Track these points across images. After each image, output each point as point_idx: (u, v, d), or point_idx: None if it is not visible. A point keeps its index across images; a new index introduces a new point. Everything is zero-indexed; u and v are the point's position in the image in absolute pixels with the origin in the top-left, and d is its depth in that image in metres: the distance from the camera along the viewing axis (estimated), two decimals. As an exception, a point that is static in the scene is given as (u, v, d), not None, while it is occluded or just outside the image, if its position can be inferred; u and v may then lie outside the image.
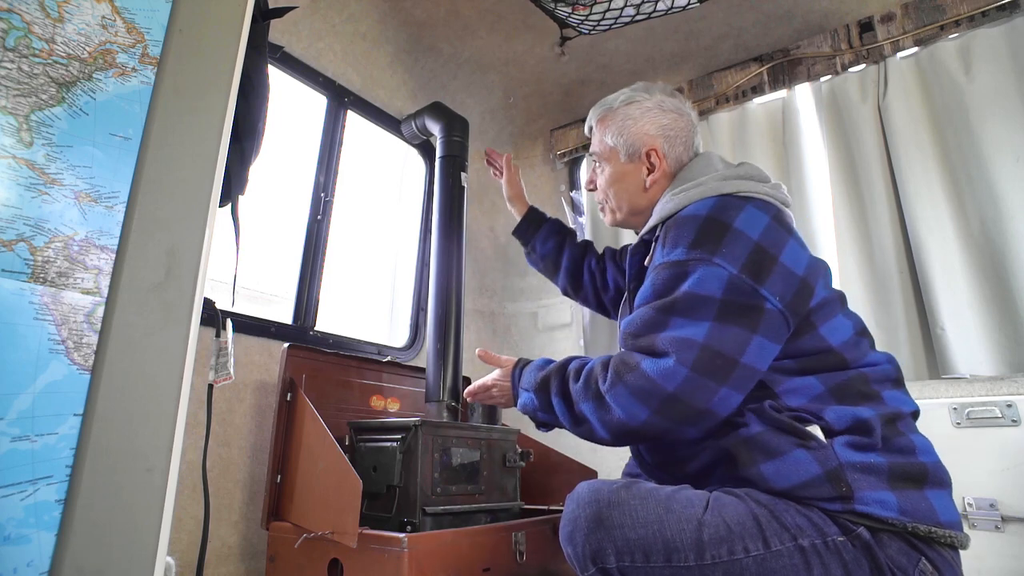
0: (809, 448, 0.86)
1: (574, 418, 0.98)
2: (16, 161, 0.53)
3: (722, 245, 0.93)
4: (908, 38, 1.79)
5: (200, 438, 1.04)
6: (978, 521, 1.37)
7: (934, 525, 0.81)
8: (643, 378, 0.88)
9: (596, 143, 1.26)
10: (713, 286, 0.91)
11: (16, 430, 0.49)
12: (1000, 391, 1.48)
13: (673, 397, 0.87)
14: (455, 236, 1.77)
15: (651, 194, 1.18)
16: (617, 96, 1.23)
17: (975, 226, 1.61)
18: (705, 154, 1.18)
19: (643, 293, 1.00)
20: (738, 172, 1.09)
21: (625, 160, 1.20)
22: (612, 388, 0.92)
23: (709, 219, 0.97)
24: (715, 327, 0.89)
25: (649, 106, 1.19)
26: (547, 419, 1.06)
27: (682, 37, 2.06)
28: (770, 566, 0.80)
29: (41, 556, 0.49)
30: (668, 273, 0.96)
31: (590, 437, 0.98)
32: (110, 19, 0.61)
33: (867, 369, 0.95)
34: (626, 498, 0.87)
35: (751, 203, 0.99)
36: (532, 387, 1.07)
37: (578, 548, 0.87)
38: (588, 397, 0.95)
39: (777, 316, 0.92)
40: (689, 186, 1.09)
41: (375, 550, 1.09)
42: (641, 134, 1.18)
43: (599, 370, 0.96)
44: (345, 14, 1.90)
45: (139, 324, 0.58)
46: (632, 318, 0.98)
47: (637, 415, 0.89)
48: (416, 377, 1.82)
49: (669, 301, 0.93)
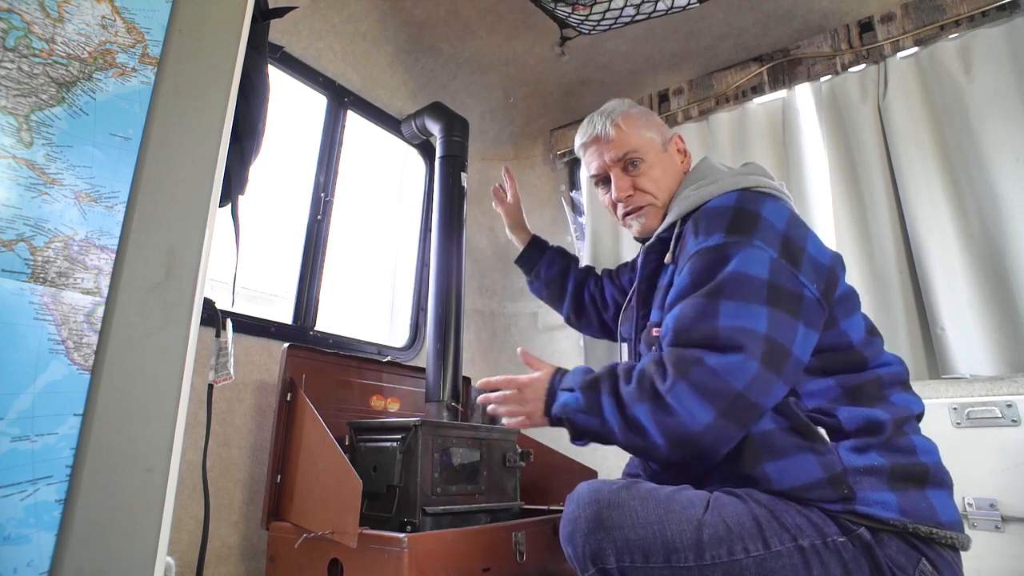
0: (816, 452, 0.85)
1: (626, 422, 0.90)
2: (16, 161, 0.53)
3: (758, 231, 0.93)
4: (908, 38, 1.79)
5: (200, 438, 1.04)
6: (978, 521, 1.37)
7: (935, 525, 0.81)
8: (709, 374, 0.84)
9: (632, 139, 1.20)
10: (758, 267, 0.89)
11: (16, 430, 0.49)
12: (1000, 391, 1.48)
13: (741, 396, 0.83)
14: (455, 236, 1.77)
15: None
16: (618, 104, 1.27)
17: (975, 226, 1.61)
18: (707, 157, 1.22)
19: (680, 285, 0.96)
20: (749, 170, 1.12)
21: (661, 149, 1.23)
22: (674, 386, 0.85)
23: (738, 209, 0.97)
24: (772, 314, 0.87)
25: (643, 108, 1.27)
26: (589, 423, 0.95)
27: (682, 37, 2.06)
28: (770, 566, 0.80)
29: (41, 556, 0.49)
30: (707, 259, 0.93)
31: (642, 447, 0.90)
32: (110, 19, 0.61)
33: (881, 370, 0.95)
34: (626, 498, 0.86)
35: (768, 197, 1.01)
36: (578, 385, 0.98)
37: (578, 548, 0.87)
38: (644, 398, 0.88)
39: (815, 305, 0.92)
40: (705, 182, 1.10)
41: (375, 550, 1.09)
42: (662, 125, 1.25)
43: (653, 368, 0.90)
44: (345, 14, 1.90)
45: (139, 324, 0.58)
46: (678, 312, 0.92)
47: (700, 417, 0.83)
48: (416, 377, 1.82)
49: (715, 285, 0.89)
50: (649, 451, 0.90)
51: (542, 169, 2.59)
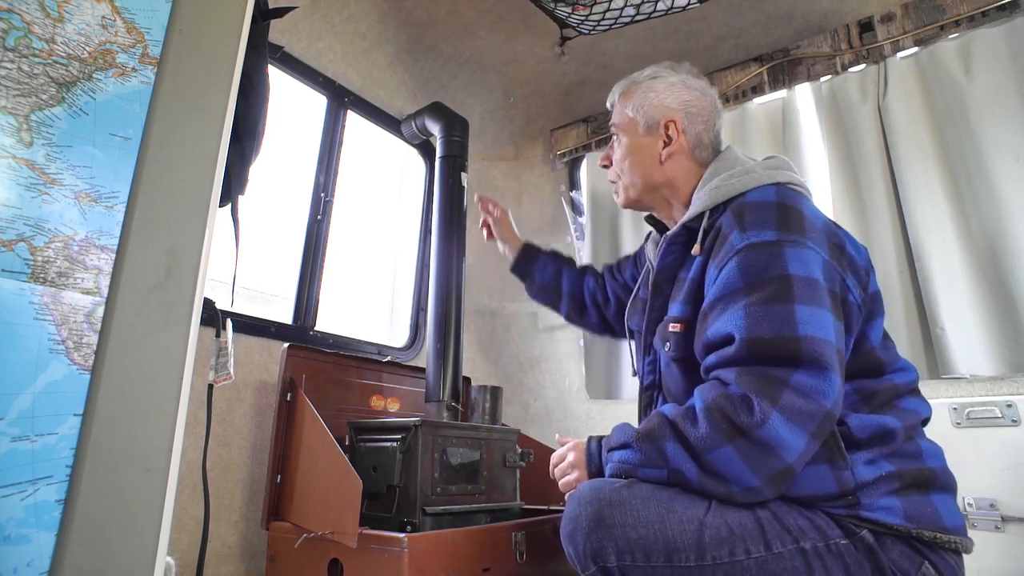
0: (833, 464, 0.83)
1: (703, 469, 0.82)
2: (16, 161, 0.53)
3: (807, 231, 0.89)
4: (908, 38, 1.79)
5: (200, 438, 1.04)
6: (978, 521, 1.37)
7: (939, 530, 0.81)
8: (801, 396, 0.78)
9: (616, 115, 1.22)
10: (816, 270, 0.85)
11: (16, 430, 0.49)
12: (1000, 391, 1.48)
13: (829, 414, 0.79)
14: (455, 236, 1.77)
15: (667, 169, 1.14)
16: (643, 71, 1.21)
17: (975, 226, 1.61)
18: (731, 147, 1.15)
19: (728, 283, 0.88)
20: (779, 163, 1.06)
21: (643, 132, 1.16)
22: (766, 419, 0.77)
23: (782, 205, 0.93)
24: (835, 321, 0.83)
25: (673, 81, 1.17)
26: (656, 476, 0.87)
27: (682, 37, 2.06)
28: (771, 568, 0.80)
29: (41, 556, 0.49)
30: (762, 255, 0.86)
31: (726, 492, 0.82)
32: (110, 19, 0.61)
33: (897, 377, 0.93)
34: (627, 497, 0.86)
35: (803, 195, 0.98)
36: (632, 438, 0.90)
37: (579, 547, 0.86)
38: (727, 439, 0.79)
39: (856, 310, 0.90)
40: (738, 172, 1.04)
41: (375, 550, 1.09)
42: (661, 106, 1.15)
43: (726, 402, 0.81)
44: (345, 14, 1.90)
45: (139, 324, 0.58)
46: (744, 321, 0.83)
47: (794, 444, 0.77)
48: (416, 377, 1.82)
49: (782, 287, 0.83)
50: (737, 496, 0.81)
51: (542, 169, 2.59)
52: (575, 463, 1.02)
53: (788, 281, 0.83)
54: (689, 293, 1.00)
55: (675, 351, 1.01)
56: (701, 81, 1.18)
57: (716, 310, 0.89)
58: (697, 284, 0.99)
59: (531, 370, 2.43)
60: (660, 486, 0.88)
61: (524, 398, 2.42)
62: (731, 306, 0.86)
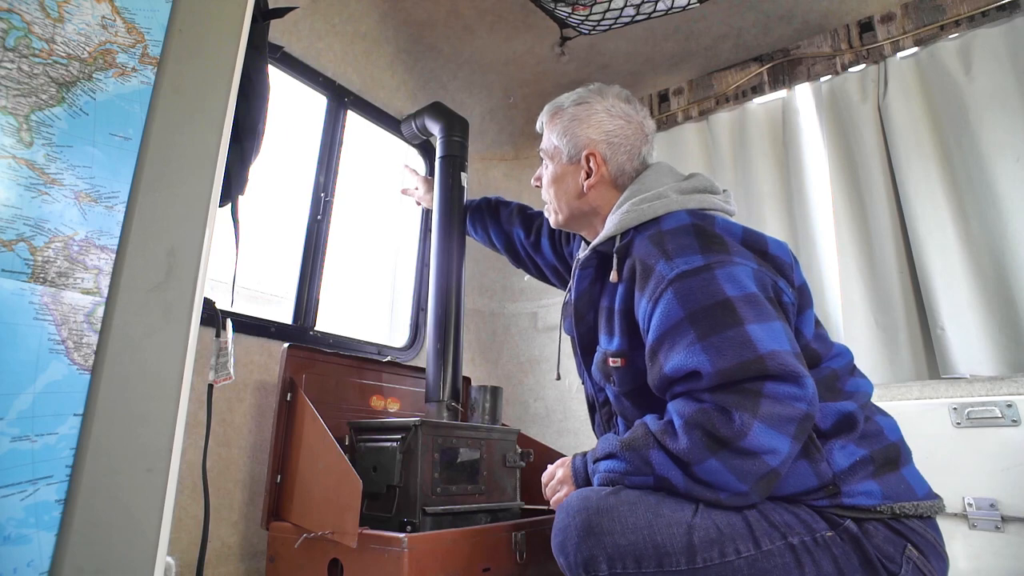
0: (810, 459, 0.85)
1: (689, 478, 0.84)
2: (16, 161, 0.53)
3: (728, 246, 0.93)
4: (908, 38, 1.79)
5: (200, 438, 1.04)
6: (978, 521, 1.37)
7: (915, 501, 0.84)
8: (777, 403, 0.80)
9: (544, 140, 1.23)
10: (750, 284, 0.88)
11: (16, 430, 0.49)
12: (1000, 391, 1.48)
13: (807, 415, 0.81)
14: (455, 236, 1.77)
15: (590, 199, 1.15)
16: (570, 95, 1.21)
17: (975, 226, 1.61)
18: (656, 165, 1.16)
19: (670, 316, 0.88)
20: (695, 185, 1.08)
21: (567, 161, 1.18)
22: (748, 428, 0.78)
23: (699, 228, 0.96)
24: (783, 325, 0.86)
25: (597, 109, 1.16)
26: (642, 483, 0.89)
27: (682, 37, 2.06)
28: (762, 566, 0.80)
29: (41, 556, 0.49)
30: (694, 281, 0.88)
31: (716, 496, 0.83)
32: (110, 19, 0.61)
33: (834, 363, 0.96)
34: (615, 504, 0.86)
35: (714, 216, 1.01)
36: (616, 448, 0.92)
37: (570, 557, 0.86)
38: (710, 452, 0.81)
39: (791, 308, 0.94)
40: (649, 196, 1.05)
41: (375, 550, 1.09)
42: (584, 137, 1.15)
43: (705, 418, 0.82)
44: (345, 14, 1.90)
45: (139, 324, 0.58)
46: (706, 359, 0.83)
47: (779, 448, 0.79)
48: (416, 377, 1.82)
49: (726, 312, 0.84)
50: (725, 501, 0.83)
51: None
52: (563, 479, 1.03)
53: (729, 304, 0.85)
54: (622, 326, 1.01)
55: (620, 385, 1.03)
56: (629, 106, 1.18)
57: (665, 346, 0.89)
58: (625, 315, 1.00)
59: (531, 370, 2.43)
60: (647, 491, 0.88)
61: (524, 398, 2.42)
62: (680, 340, 0.87)
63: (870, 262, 1.75)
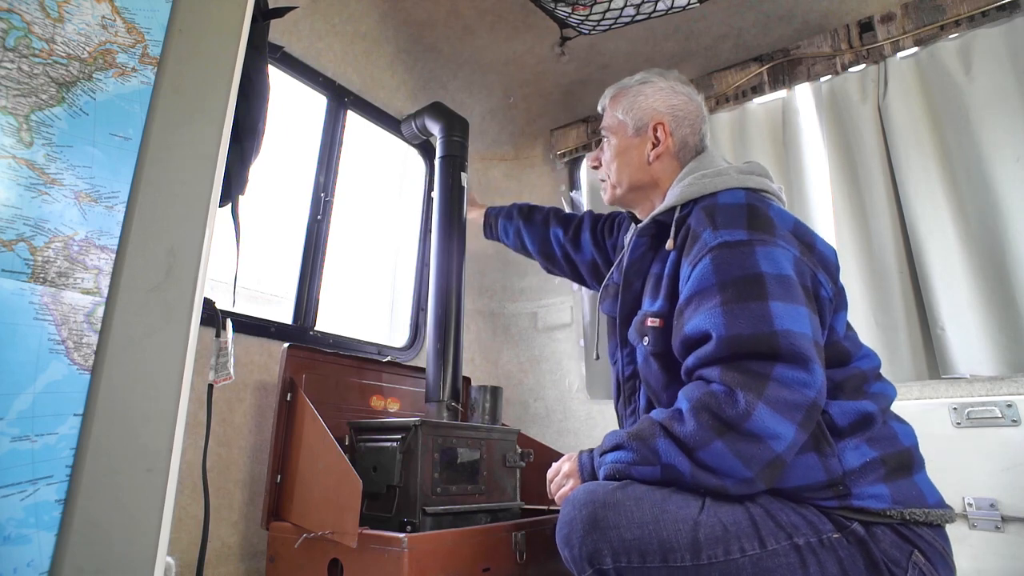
0: (820, 452, 0.85)
1: (696, 464, 0.83)
2: (16, 161, 0.53)
3: (775, 230, 0.93)
4: (908, 38, 1.79)
5: (200, 438, 1.04)
6: (978, 521, 1.36)
7: (925, 509, 0.84)
8: (784, 387, 0.80)
9: (607, 118, 1.27)
10: (788, 267, 0.88)
11: (16, 430, 0.49)
12: (1000, 391, 1.48)
13: (815, 404, 0.81)
14: (455, 236, 1.77)
15: (654, 170, 1.18)
16: (633, 77, 1.26)
17: (975, 226, 1.60)
18: (712, 149, 1.21)
19: (702, 279, 0.90)
20: (752, 168, 1.11)
21: (632, 134, 1.21)
22: (752, 410, 0.78)
23: (752, 207, 0.97)
24: (811, 314, 0.87)
25: (662, 86, 1.22)
26: (649, 473, 0.88)
27: (682, 37, 2.06)
28: (766, 565, 0.80)
29: (41, 556, 0.49)
30: (733, 253, 0.90)
31: (721, 482, 0.83)
32: (110, 19, 0.61)
33: (863, 363, 0.97)
34: (621, 499, 0.86)
35: (771, 200, 1.03)
36: (623, 440, 0.92)
37: (575, 550, 0.86)
38: (716, 434, 0.81)
39: (828, 303, 0.94)
40: (710, 173, 1.08)
41: (375, 550, 1.09)
42: (651, 109, 1.20)
43: (712, 400, 0.83)
44: (345, 14, 1.90)
45: (139, 324, 0.58)
46: (722, 319, 0.85)
47: (783, 434, 0.79)
48: (416, 377, 1.82)
49: (755, 285, 0.85)
50: (731, 488, 0.83)
51: (542, 169, 2.59)
52: (568, 473, 1.03)
53: (761, 279, 0.86)
54: (667, 290, 1.03)
55: (653, 345, 1.03)
56: (688, 87, 1.24)
57: (691, 306, 0.92)
58: (672, 280, 1.02)
59: (531, 370, 2.43)
60: (654, 487, 0.88)
61: (524, 398, 2.42)
62: (705, 303, 0.89)
63: (870, 262, 1.75)
